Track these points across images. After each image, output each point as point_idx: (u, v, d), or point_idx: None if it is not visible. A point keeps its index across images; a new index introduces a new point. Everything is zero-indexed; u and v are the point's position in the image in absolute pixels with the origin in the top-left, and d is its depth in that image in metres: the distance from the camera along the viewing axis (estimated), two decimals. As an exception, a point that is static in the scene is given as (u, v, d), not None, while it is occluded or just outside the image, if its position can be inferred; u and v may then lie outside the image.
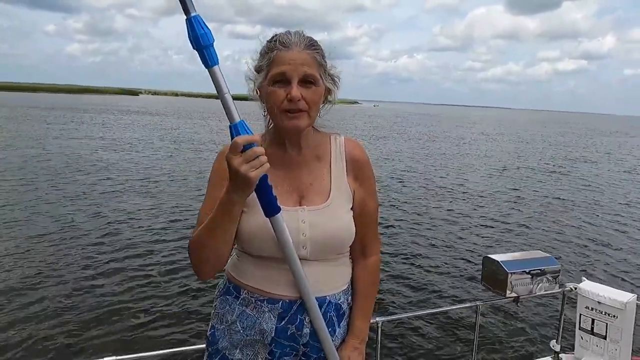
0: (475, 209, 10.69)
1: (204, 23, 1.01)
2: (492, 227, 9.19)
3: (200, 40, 1.00)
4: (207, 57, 1.02)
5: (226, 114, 1.05)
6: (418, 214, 9.91)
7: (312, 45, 1.18)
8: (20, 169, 12.85)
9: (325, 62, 1.21)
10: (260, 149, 1.03)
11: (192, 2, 1.00)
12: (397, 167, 16.65)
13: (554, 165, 19.64)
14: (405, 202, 11.00)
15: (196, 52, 1.02)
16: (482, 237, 8.54)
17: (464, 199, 11.76)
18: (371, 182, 1.33)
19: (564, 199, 12.38)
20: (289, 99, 1.14)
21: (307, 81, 1.15)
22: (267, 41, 1.20)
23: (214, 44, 1.03)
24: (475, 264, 6.74)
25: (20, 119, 31.65)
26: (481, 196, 12.27)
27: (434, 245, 7.87)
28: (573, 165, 20.30)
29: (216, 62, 1.03)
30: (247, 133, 1.04)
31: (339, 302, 1.29)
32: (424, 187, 13.15)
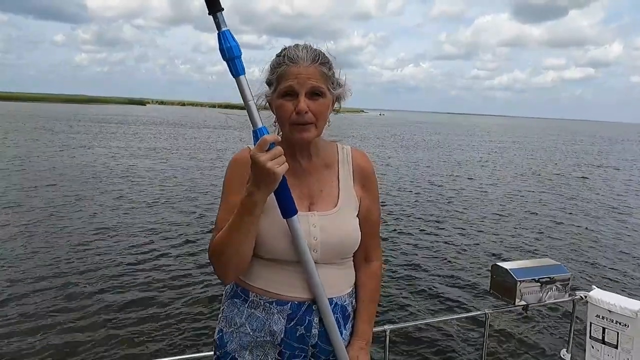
0: (484, 216, 10.64)
1: (233, 37, 1.11)
2: (502, 235, 9.13)
3: (232, 52, 1.11)
4: (235, 67, 1.13)
5: (250, 119, 1.15)
6: (427, 221, 9.87)
7: (319, 58, 1.22)
8: (53, 178, 13.01)
9: (333, 73, 1.25)
10: (282, 150, 1.10)
11: (224, 19, 1.11)
12: (407, 175, 16.63)
13: (565, 173, 19.50)
14: (415, 209, 10.98)
15: (225, 63, 1.13)
16: (491, 244, 8.48)
17: (474, 206, 11.70)
18: (375, 192, 1.40)
19: (574, 207, 12.27)
20: (296, 112, 1.18)
21: (314, 93, 1.20)
22: (277, 55, 1.24)
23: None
24: (484, 272, 6.69)
25: (41, 129, 32.03)
26: (491, 203, 12.20)
27: (442, 252, 7.83)
28: (584, 173, 20.13)
29: (242, 72, 1.14)
30: (266, 131, 1.14)
31: (345, 304, 1.34)
32: (434, 194, 13.11)
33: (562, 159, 26.20)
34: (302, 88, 1.18)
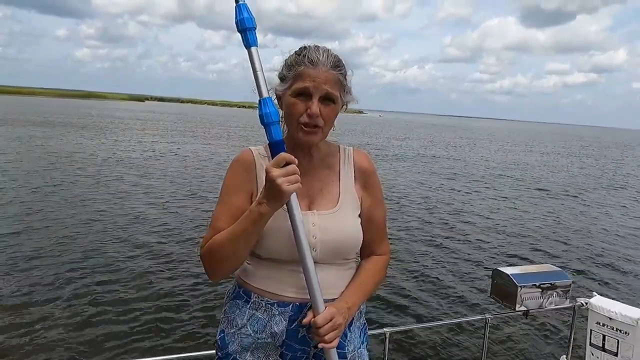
0: (486, 221, 10.61)
1: (249, 11, 1.18)
2: (503, 240, 9.11)
3: (245, 23, 1.17)
4: (248, 38, 1.19)
5: (257, 88, 1.20)
6: (429, 225, 9.86)
7: (337, 66, 1.23)
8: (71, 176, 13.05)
9: (347, 81, 1.27)
10: (297, 169, 1.12)
11: None
12: (410, 179, 16.61)
13: (569, 179, 19.47)
14: (416, 213, 10.95)
15: (239, 34, 1.20)
16: (493, 249, 8.47)
17: (476, 211, 11.68)
18: (378, 191, 1.39)
19: (576, 213, 12.25)
20: (308, 114, 1.20)
21: (326, 99, 1.21)
22: (296, 53, 1.25)
23: (256, 29, 1.20)
24: (485, 277, 6.68)
25: (62, 128, 32.09)
26: (494, 208, 12.18)
27: (443, 256, 7.81)
28: (589, 177, 20.10)
29: (255, 44, 1.19)
30: (273, 108, 1.18)
31: None
32: (436, 198, 13.08)
33: (566, 164, 26.16)
34: (317, 92, 1.19)
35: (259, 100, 1.18)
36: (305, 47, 1.24)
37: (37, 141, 20.80)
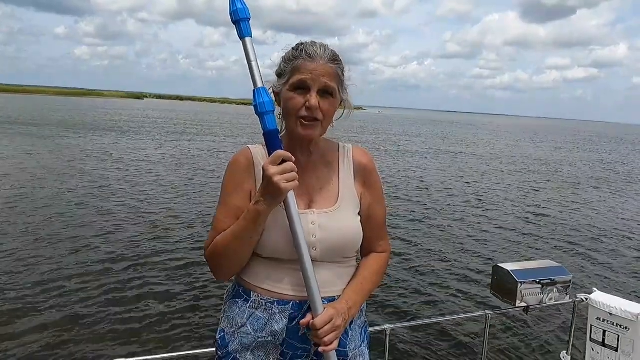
0: (486, 217, 10.61)
1: (243, 2, 1.20)
2: (503, 236, 9.11)
3: (238, 14, 1.19)
4: (242, 29, 1.20)
5: (251, 78, 1.20)
6: (429, 221, 9.86)
7: (335, 59, 1.23)
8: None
9: (344, 76, 1.27)
10: (294, 167, 1.12)
11: None
12: (412, 175, 16.60)
13: (568, 173, 19.46)
14: (416, 209, 10.95)
15: (234, 25, 1.22)
16: (493, 245, 8.47)
17: (476, 207, 11.68)
18: (378, 188, 1.38)
19: (576, 209, 12.24)
20: (307, 107, 1.19)
21: (325, 92, 1.21)
22: (293, 49, 1.25)
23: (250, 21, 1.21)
24: (485, 273, 6.69)
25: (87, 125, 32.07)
26: (493, 204, 12.17)
27: (444, 253, 7.82)
28: (587, 173, 20.09)
29: (249, 34, 1.20)
30: (267, 98, 1.18)
31: None
32: (437, 194, 13.08)
33: (571, 159, 26.14)
34: (315, 84, 1.19)
35: (253, 90, 1.18)
36: (302, 43, 1.25)
37: (54, 142, 20.79)
